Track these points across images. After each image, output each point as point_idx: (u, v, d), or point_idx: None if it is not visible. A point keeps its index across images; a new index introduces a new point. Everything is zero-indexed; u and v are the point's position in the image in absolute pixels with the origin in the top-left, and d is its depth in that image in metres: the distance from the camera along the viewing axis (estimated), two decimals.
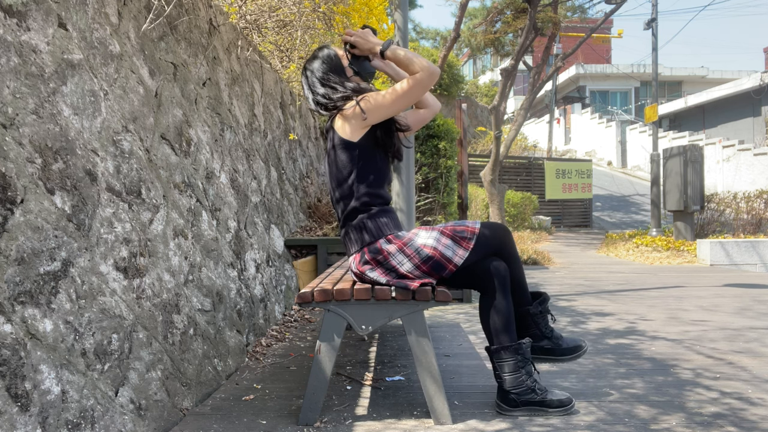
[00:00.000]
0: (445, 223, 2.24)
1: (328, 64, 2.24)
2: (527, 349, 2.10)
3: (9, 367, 1.42)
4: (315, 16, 4.81)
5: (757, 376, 2.60)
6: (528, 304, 2.26)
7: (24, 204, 1.59)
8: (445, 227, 2.14)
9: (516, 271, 2.22)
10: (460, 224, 2.15)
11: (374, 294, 2.04)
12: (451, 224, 2.16)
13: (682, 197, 9.91)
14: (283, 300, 3.96)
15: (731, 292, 5.47)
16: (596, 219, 16.63)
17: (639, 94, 30.18)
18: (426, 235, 2.11)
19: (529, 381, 2.07)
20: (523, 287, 2.26)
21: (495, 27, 13.80)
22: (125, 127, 2.25)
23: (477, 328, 3.81)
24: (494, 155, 11.65)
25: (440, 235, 2.10)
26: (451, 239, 2.09)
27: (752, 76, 20.62)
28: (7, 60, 1.64)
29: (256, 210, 3.82)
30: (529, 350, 2.12)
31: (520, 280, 2.24)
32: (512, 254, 2.21)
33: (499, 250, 2.17)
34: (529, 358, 2.10)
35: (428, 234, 2.11)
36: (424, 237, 2.10)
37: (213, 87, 3.37)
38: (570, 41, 22.51)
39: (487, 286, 2.09)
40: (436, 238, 2.09)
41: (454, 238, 2.09)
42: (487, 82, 30.32)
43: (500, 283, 2.08)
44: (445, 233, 2.10)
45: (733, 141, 17.97)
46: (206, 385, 2.38)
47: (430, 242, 2.08)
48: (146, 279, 2.15)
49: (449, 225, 2.15)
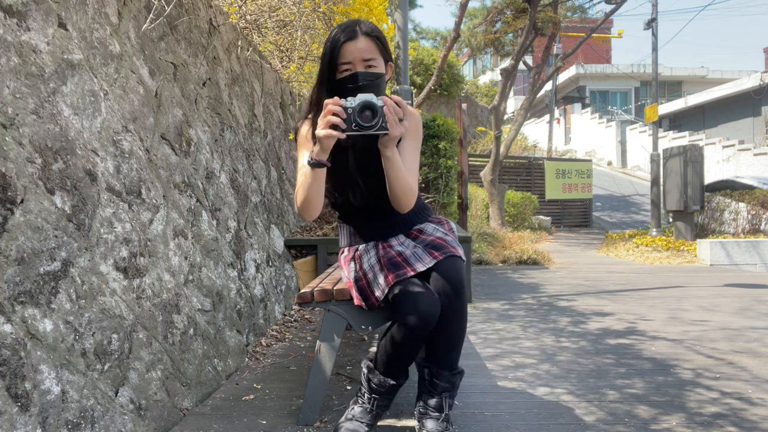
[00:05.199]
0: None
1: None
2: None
3: (9, 367, 1.42)
4: (315, 16, 4.81)
5: (757, 376, 2.60)
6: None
7: (24, 204, 1.59)
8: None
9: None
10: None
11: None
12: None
13: (682, 197, 9.91)
14: (283, 300, 3.96)
15: (731, 292, 5.47)
16: (596, 219, 16.62)
17: (639, 94, 30.19)
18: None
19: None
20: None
21: (495, 27, 13.81)
22: (125, 127, 2.25)
23: (477, 328, 3.81)
24: (494, 155, 11.66)
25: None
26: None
27: (752, 76, 20.62)
28: (7, 60, 1.64)
29: (256, 210, 3.82)
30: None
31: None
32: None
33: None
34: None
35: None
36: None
37: (213, 87, 3.37)
38: (570, 41, 22.51)
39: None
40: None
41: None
42: (487, 82, 30.33)
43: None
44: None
45: (733, 141, 17.98)
46: (206, 385, 2.38)
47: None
48: (146, 279, 2.15)
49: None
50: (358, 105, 1.67)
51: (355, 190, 1.93)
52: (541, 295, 5.31)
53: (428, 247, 1.88)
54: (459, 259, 1.85)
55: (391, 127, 1.69)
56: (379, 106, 1.68)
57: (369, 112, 1.68)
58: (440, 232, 1.97)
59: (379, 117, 1.67)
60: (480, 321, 4.06)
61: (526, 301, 5.00)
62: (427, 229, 1.98)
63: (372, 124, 1.68)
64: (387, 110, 1.68)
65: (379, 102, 1.68)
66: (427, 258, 1.83)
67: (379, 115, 1.67)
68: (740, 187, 11.63)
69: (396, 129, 1.70)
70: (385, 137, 1.72)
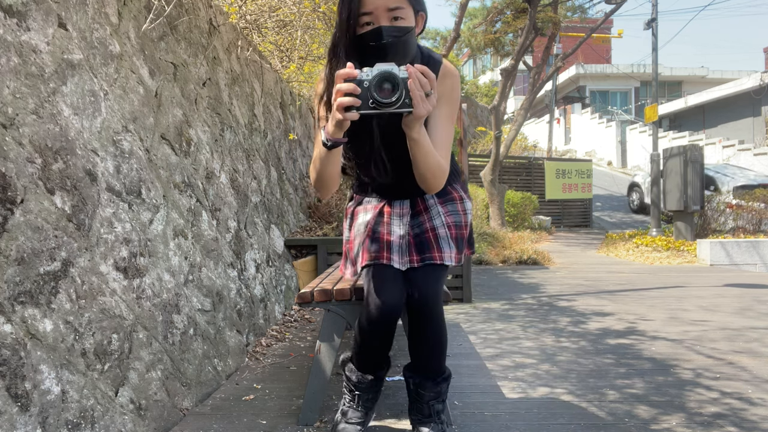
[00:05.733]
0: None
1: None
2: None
3: (9, 367, 1.42)
4: (315, 16, 4.81)
5: (757, 376, 2.60)
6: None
7: (24, 204, 1.59)
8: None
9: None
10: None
11: None
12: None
13: (682, 197, 9.91)
14: (283, 300, 3.96)
15: (731, 292, 5.47)
16: (596, 219, 16.61)
17: (639, 94, 30.17)
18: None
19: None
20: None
21: (495, 27, 13.81)
22: (125, 127, 2.25)
23: (477, 328, 3.81)
24: (494, 155, 11.65)
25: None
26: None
27: (752, 76, 20.60)
28: (7, 60, 1.64)
29: (256, 210, 3.82)
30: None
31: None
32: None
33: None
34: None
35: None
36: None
37: (213, 87, 3.37)
38: (570, 41, 22.50)
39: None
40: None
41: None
42: (487, 82, 30.32)
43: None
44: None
45: (733, 141, 17.97)
46: (206, 385, 2.38)
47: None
48: (146, 279, 2.15)
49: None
50: (376, 77, 1.39)
51: (380, 167, 1.71)
52: (541, 295, 5.31)
53: (416, 240, 1.73)
54: (439, 267, 1.71)
55: (417, 105, 1.40)
56: (402, 78, 1.39)
57: (389, 85, 1.40)
58: (441, 218, 1.77)
59: (401, 91, 1.39)
60: (480, 321, 4.06)
61: (526, 301, 5.00)
62: (432, 211, 1.78)
63: (392, 100, 1.39)
64: (411, 83, 1.39)
65: (402, 73, 1.40)
66: (405, 258, 1.71)
67: (401, 89, 1.39)
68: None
69: (422, 107, 1.41)
70: (409, 117, 1.44)
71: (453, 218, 1.78)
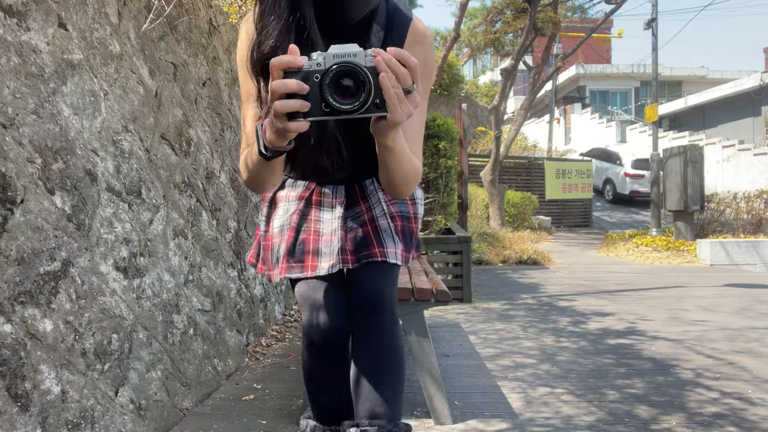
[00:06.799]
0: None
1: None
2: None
3: (9, 367, 1.42)
4: None
5: (757, 376, 2.60)
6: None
7: (24, 204, 1.59)
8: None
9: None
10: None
11: None
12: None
13: (682, 197, 9.91)
14: (283, 300, 3.96)
15: (731, 292, 5.47)
16: (596, 219, 16.62)
17: (639, 94, 30.17)
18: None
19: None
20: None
21: (495, 27, 13.81)
22: (125, 127, 2.25)
23: (477, 328, 3.81)
24: (494, 155, 11.65)
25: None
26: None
27: (752, 76, 20.60)
28: (7, 60, 1.64)
29: (256, 210, 3.82)
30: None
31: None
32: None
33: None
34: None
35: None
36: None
37: (213, 87, 3.37)
38: (570, 41, 22.49)
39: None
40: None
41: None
42: (487, 82, 30.31)
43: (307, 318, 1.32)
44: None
45: (733, 141, 17.96)
46: (206, 385, 2.38)
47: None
48: (146, 279, 2.15)
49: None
50: (332, 71, 0.93)
51: (335, 158, 1.26)
52: (541, 295, 5.31)
53: (351, 235, 1.31)
54: (384, 266, 1.29)
55: (392, 108, 0.94)
56: (367, 69, 0.93)
57: (350, 81, 0.93)
58: (383, 206, 1.33)
59: (368, 91, 0.93)
60: (480, 321, 4.06)
61: (526, 301, 5.00)
62: (371, 198, 1.35)
63: (355, 105, 0.94)
64: (384, 79, 0.92)
65: (368, 60, 0.93)
66: (336, 257, 1.26)
67: (367, 88, 0.93)
68: None
69: (399, 110, 0.95)
70: (382, 122, 0.98)
71: (398, 207, 1.35)
